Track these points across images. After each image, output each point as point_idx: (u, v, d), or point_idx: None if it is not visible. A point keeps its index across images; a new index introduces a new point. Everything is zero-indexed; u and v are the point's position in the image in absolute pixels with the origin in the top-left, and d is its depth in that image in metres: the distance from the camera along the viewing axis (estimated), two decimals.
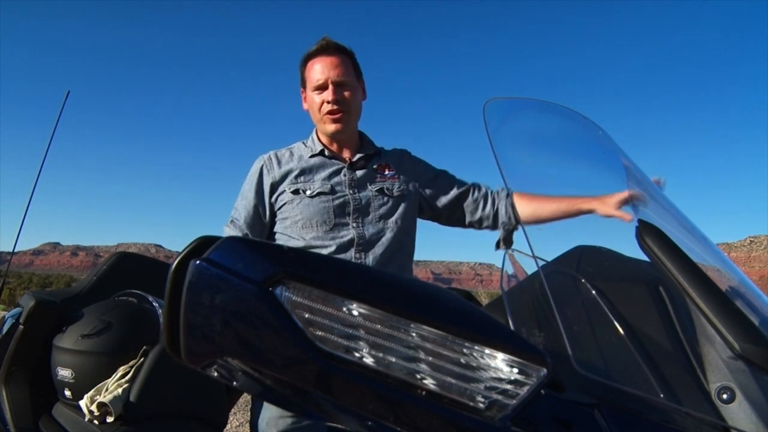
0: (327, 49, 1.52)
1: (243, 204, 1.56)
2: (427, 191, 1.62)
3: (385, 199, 1.54)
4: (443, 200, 1.61)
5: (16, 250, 2.04)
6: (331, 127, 1.52)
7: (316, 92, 1.52)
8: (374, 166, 1.58)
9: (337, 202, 1.49)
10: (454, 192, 1.62)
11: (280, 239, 1.54)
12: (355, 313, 0.45)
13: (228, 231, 1.55)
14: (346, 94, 1.51)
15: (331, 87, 1.49)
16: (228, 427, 4.27)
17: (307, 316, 0.45)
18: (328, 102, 1.49)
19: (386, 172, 1.58)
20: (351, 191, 1.51)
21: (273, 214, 1.55)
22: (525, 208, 1.08)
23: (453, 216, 1.64)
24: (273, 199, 1.53)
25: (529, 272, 0.79)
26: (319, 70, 1.50)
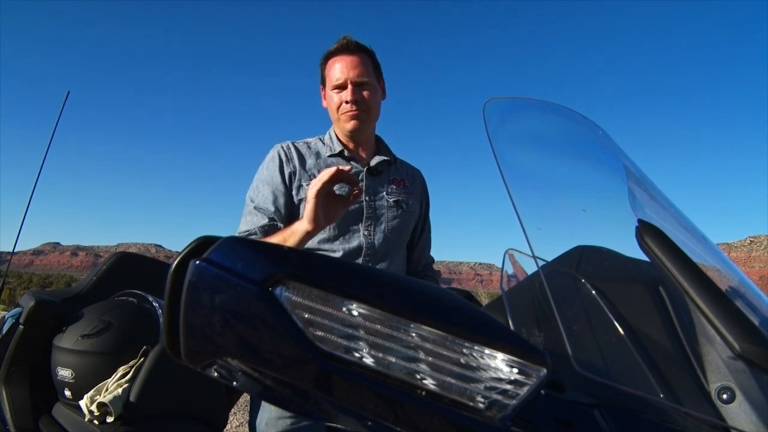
0: (347, 48, 1.51)
1: (268, 188, 1.47)
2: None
3: (399, 212, 1.54)
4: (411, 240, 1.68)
5: (16, 250, 2.05)
6: (349, 125, 1.50)
7: (335, 91, 1.50)
8: (391, 178, 1.58)
9: (352, 207, 1.47)
10: (421, 240, 1.70)
11: None
12: (354, 313, 0.45)
13: (248, 218, 1.45)
14: (366, 94, 1.49)
15: (350, 87, 1.47)
16: (228, 427, 4.27)
17: (306, 316, 0.45)
18: (347, 102, 1.47)
19: (401, 187, 1.58)
20: (367, 198, 1.50)
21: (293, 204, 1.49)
22: None
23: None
24: (293, 188, 1.49)
25: (529, 272, 0.79)
26: (339, 69, 1.49)
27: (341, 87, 1.49)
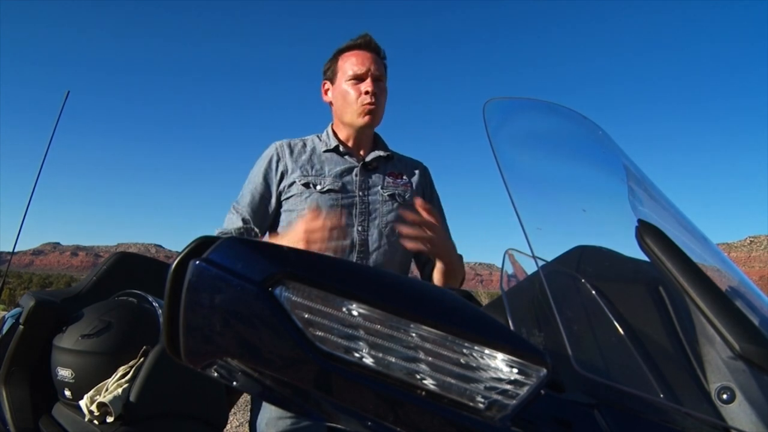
0: (368, 45, 1.52)
1: (249, 188, 1.51)
2: None
3: (395, 205, 1.51)
4: None
5: (16, 250, 2.05)
6: (363, 120, 1.49)
7: (352, 82, 1.49)
8: (387, 172, 1.56)
9: (345, 201, 1.47)
10: None
11: (282, 232, 1.51)
12: (354, 313, 0.45)
13: (229, 216, 1.50)
14: (381, 90, 1.50)
15: (370, 79, 1.47)
16: (228, 427, 4.27)
17: (306, 316, 0.45)
18: (367, 93, 1.46)
19: (398, 180, 1.56)
20: (361, 193, 1.49)
21: (279, 204, 1.51)
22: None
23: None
24: (281, 187, 1.50)
25: (529, 272, 0.79)
26: (359, 61, 1.49)
27: (360, 78, 1.48)
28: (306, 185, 1.47)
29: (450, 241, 1.42)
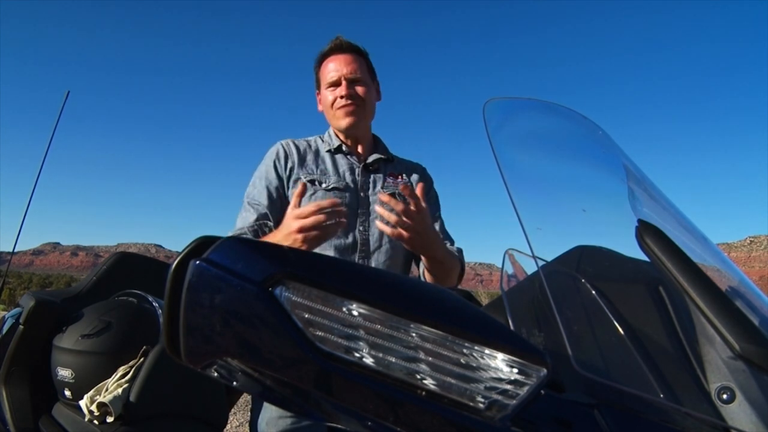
0: (340, 47, 1.53)
1: (263, 184, 1.48)
2: None
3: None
4: None
5: (16, 250, 2.05)
6: (344, 122, 1.50)
7: (330, 89, 1.51)
8: (388, 173, 1.57)
9: (348, 200, 1.48)
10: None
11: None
12: (355, 313, 0.45)
13: (243, 214, 1.46)
14: (360, 90, 1.51)
15: (344, 83, 1.49)
16: (228, 427, 4.27)
17: (306, 316, 0.45)
18: (341, 97, 1.48)
19: (398, 180, 1.57)
20: (361, 193, 1.51)
21: (287, 199, 1.50)
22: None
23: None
24: (289, 183, 1.50)
25: (529, 272, 0.79)
26: (333, 67, 1.51)
27: (335, 84, 1.50)
28: (311, 182, 1.48)
29: (433, 232, 1.34)
